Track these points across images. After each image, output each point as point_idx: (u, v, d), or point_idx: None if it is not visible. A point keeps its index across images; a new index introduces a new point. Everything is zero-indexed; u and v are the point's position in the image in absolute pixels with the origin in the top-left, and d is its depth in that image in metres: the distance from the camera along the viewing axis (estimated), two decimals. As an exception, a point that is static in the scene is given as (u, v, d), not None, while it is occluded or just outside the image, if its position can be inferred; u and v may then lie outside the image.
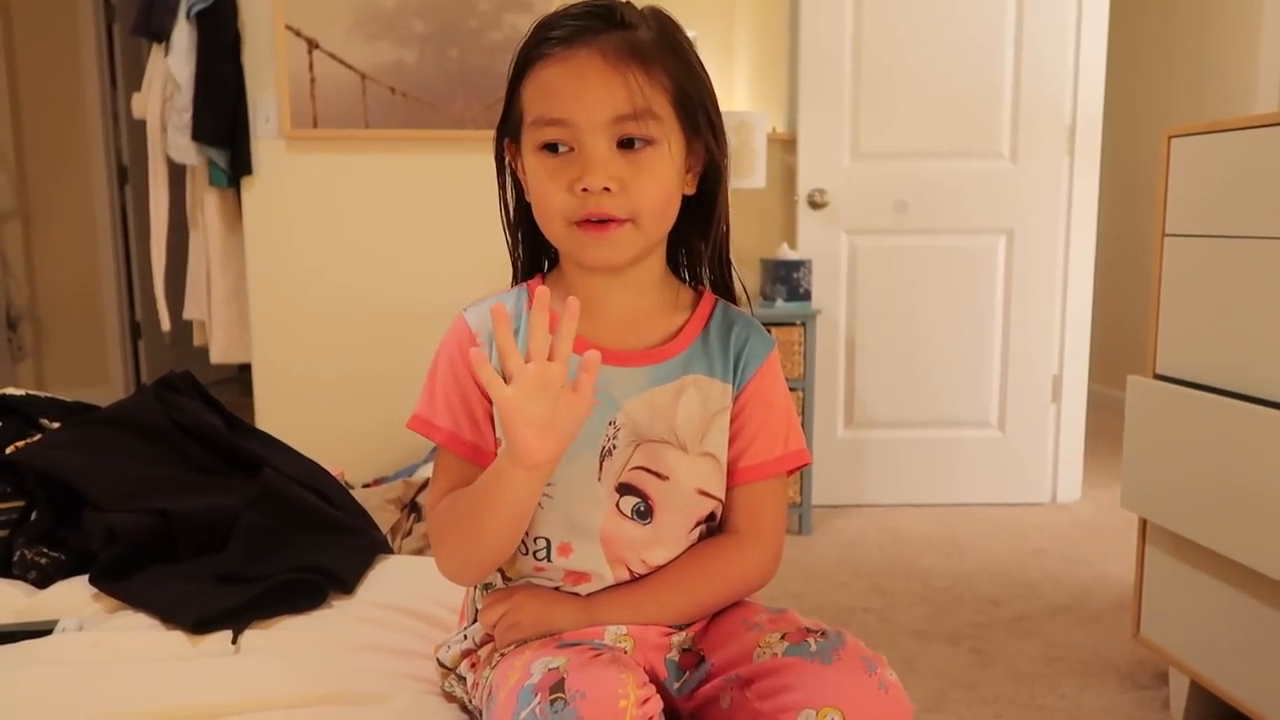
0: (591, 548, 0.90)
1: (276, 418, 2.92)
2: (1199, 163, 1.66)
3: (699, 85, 0.90)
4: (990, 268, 2.99)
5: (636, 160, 0.85)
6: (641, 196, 0.85)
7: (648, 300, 0.94)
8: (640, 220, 0.86)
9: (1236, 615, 1.56)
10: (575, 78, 0.84)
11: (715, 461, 0.92)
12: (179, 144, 2.82)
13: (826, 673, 0.80)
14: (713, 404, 0.92)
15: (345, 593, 1.20)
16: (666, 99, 0.87)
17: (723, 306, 0.97)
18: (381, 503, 1.74)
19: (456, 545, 0.89)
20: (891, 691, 0.80)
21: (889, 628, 2.14)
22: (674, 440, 0.90)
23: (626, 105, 0.84)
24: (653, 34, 0.87)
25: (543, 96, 0.86)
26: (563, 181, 0.85)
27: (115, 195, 4.51)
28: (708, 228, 0.96)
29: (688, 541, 0.94)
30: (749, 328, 0.96)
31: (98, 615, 1.15)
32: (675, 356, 0.92)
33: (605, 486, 0.90)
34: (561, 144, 0.85)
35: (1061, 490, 3.08)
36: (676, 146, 0.88)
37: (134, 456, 1.34)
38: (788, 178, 3.04)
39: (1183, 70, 3.97)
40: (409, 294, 2.95)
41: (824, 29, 2.91)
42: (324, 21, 2.84)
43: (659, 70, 0.86)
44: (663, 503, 0.91)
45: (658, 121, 0.86)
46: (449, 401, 0.91)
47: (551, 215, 0.87)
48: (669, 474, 0.90)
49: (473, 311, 0.93)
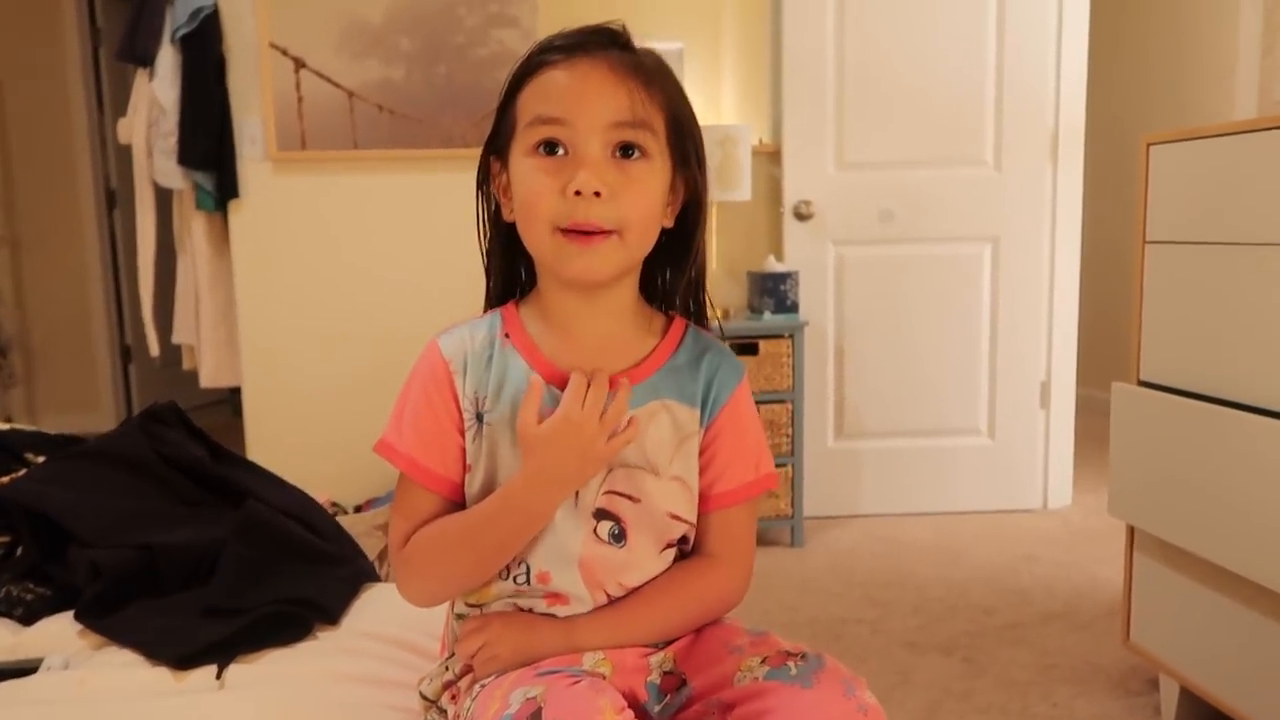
0: (570, 573, 0.91)
1: (267, 440, 2.92)
2: (1178, 170, 1.67)
3: (692, 117, 0.92)
4: (977, 275, 3.00)
5: (629, 170, 0.86)
6: (630, 207, 0.86)
7: (621, 325, 0.94)
8: (625, 233, 0.86)
9: (1224, 620, 1.57)
10: (578, 80, 0.86)
11: (685, 485, 0.93)
12: (165, 168, 2.82)
13: (806, 696, 0.80)
14: (682, 429, 0.93)
15: (330, 624, 1.20)
16: (662, 120, 0.88)
17: (693, 332, 0.97)
18: (369, 529, 1.74)
19: (442, 573, 0.90)
20: (871, 714, 0.80)
21: (882, 639, 2.15)
22: (645, 464, 0.91)
23: (626, 112, 0.85)
24: (653, 62, 0.90)
25: (541, 97, 0.87)
26: (554, 183, 0.85)
27: (104, 220, 4.52)
28: (684, 261, 0.97)
29: (660, 564, 0.94)
30: (720, 355, 0.96)
31: (83, 652, 1.15)
32: (646, 380, 0.92)
33: (583, 513, 0.90)
34: (557, 145, 0.86)
35: (1052, 496, 3.08)
36: (664, 171, 0.89)
37: (119, 490, 1.34)
38: (773, 189, 3.05)
39: (1163, 77, 3.99)
40: (400, 315, 2.95)
41: (806, 41, 2.93)
42: (310, 40, 2.85)
43: (658, 91, 0.88)
44: (635, 525, 0.91)
45: (653, 136, 0.87)
46: (418, 427, 0.91)
47: (537, 218, 0.86)
48: (641, 496, 0.91)
49: (446, 338, 0.93)
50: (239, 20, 2.85)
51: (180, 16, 2.73)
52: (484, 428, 0.90)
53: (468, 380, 0.91)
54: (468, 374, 0.91)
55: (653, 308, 0.98)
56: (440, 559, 0.89)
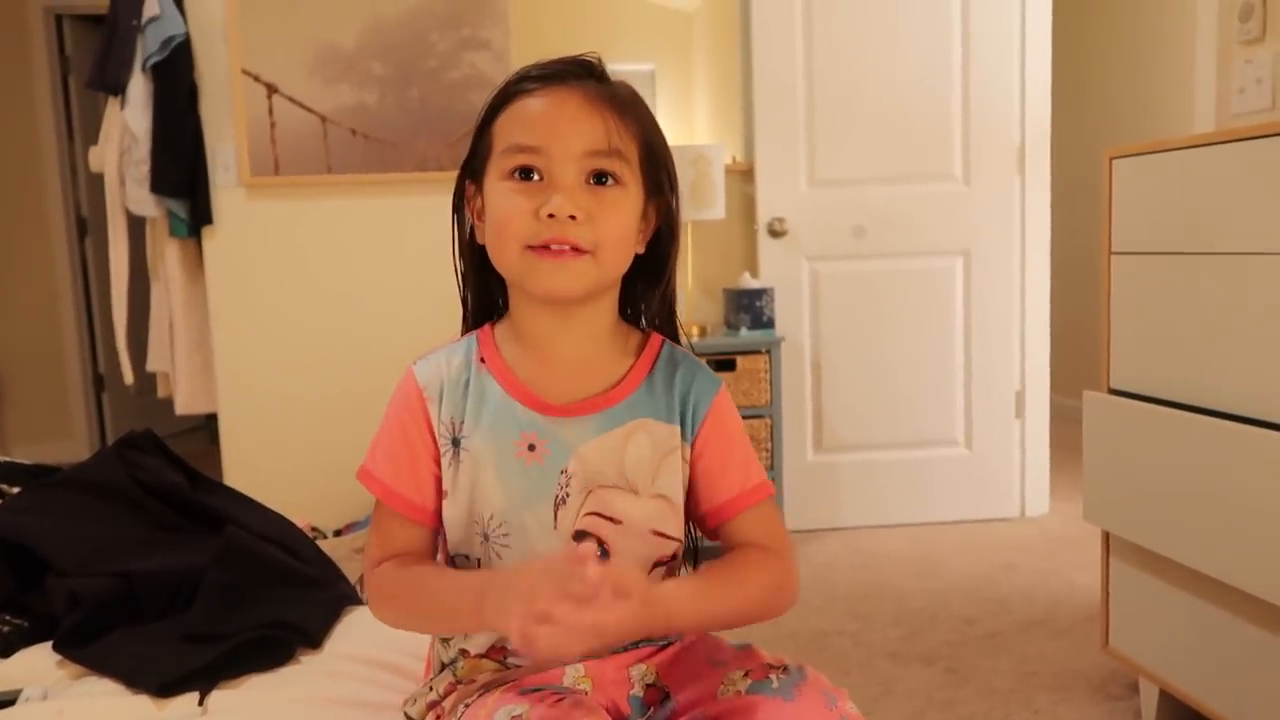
0: None
1: (244, 466, 2.90)
2: (1140, 182, 1.70)
3: (664, 146, 0.94)
4: (949, 288, 3.04)
5: (602, 196, 0.87)
6: (604, 229, 0.87)
7: (597, 348, 0.94)
8: (599, 253, 0.87)
9: (1200, 623, 1.59)
10: (554, 109, 0.87)
11: (668, 503, 0.93)
12: (138, 196, 2.81)
13: (789, 709, 0.81)
14: (662, 445, 0.93)
15: (313, 647, 1.20)
16: (636, 150, 0.90)
17: (669, 348, 0.98)
18: (349, 552, 1.73)
19: (403, 619, 0.92)
20: None
21: (864, 651, 2.16)
22: (624, 484, 0.91)
23: (602, 141, 0.87)
24: (626, 93, 0.92)
25: (518, 124, 0.88)
26: (528, 204, 0.86)
27: (75, 248, 4.49)
28: (655, 285, 0.98)
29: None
30: (694, 369, 0.97)
31: (62, 682, 1.14)
32: (622, 401, 0.93)
33: (562, 535, 0.90)
34: (533, 171, 0.87)
35: (1030, 504, 3.12)
36: (637, 197, 0.91)
37: (96, 518, 1.33)
38: (747, 207, 3.08)
39: (1125, 91, 4.07)
40: (375, 338, 2.94)
41: (776, 62, 2.97)
42: (283, 66, 2.85)
43: (632, 122, 0.89)
44: (618, 546, 0.91)
45: (627, 165, 0.89)
46: (392, 455, 0.92)
47: (509, 238, 0.87)
48: (621, 518, 0.91)
49: (422, 365, 0.94)
50: (210, 48, 2.85)
51: (151, 45, 2.73)
52: (461, 453, 0.90)
53: (444, 407, 0.91)
54: (444, 400, 0.91)
55: (629, 325, 0.99)
56: (410, 611, 0.91)
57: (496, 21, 2.91)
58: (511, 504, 0.90)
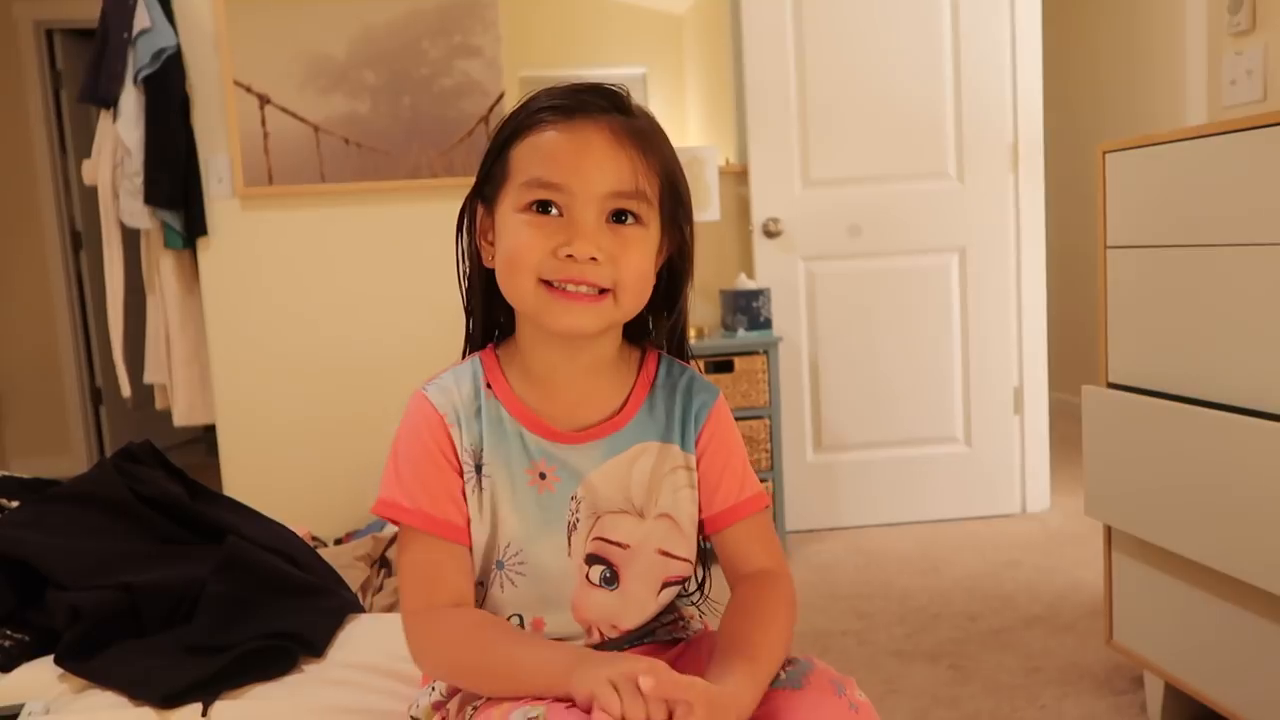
0: (563, 616, 0.92)
1: (243, 477, 2.89)
2: (1134, 176, 1.70)
3: (683, 178, 0.93)
4: (945, 286, 3.04)
5: (623, 235, 0.87)
6: (625, 269, 0.86)
7: (602, 375, 0.95)
8: (619, 293, 0.87)
9: (1204, 616, 1.59)
10: (579, 146, 0.85)
11: (673, 522, 0.94)
12: (132, 209, 2.81)
13: (798, 698, 0.82)
14: (664, 465, 0.94)
15: (315, 655, 1.19)
16: (657, 186, 0.89)
17: (666, 364, 0.99)
18: (351, 560, 1.73)
19: (457, 674, 0.88)
20: (862, 711, 0.82)
21: (869, 650, 2.15)
22: (630, 508, 0.92)
23: (627, 183, 0.86)
24: (650, 126, 0.90)
25: (540, 159, 0.86)
26: (545, 240, 0.85)
27: (70, 262, 4.48)
28: (665, 312, 0.98)
29: (657, 604, 0.96)
30: (692, 381, 0.98)
31: (64, 696, 1.13)
32: (626, 426, 0.94)
33: (575, 560, 0.91)
34: (551, 205, 0.86)
35: (1031, 500, 3.11)
36: (656, 234, 0.90)
37: (96, 532, 1.32)
38: (742, 209, 3.08)
39: (1117, 86, 4.08)
40: (372, 347, 2.94)
41: (767, 62, 2.97)
42: (274, 76, 2.85)
43: (655, 159, 0.88)
44: (627, 568, 0.92)
45: (648, 205, 0.88)
46: (422, 480, 0.89)
47: (523, 270, 0.85)
48: (628, 541, 0.92)
49: (434, 391, 0.92)
50: (202, 60, 2.85)
51: (142, 57, 2.73)
52: (483, 479, 0.90)
53: (464, 432, 0.90)
54: (462, 426, 0.90)
55: (629, 345, 0.99)
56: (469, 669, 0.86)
57: (487, 28, 2.91)
58: (528, 532, 0.90)
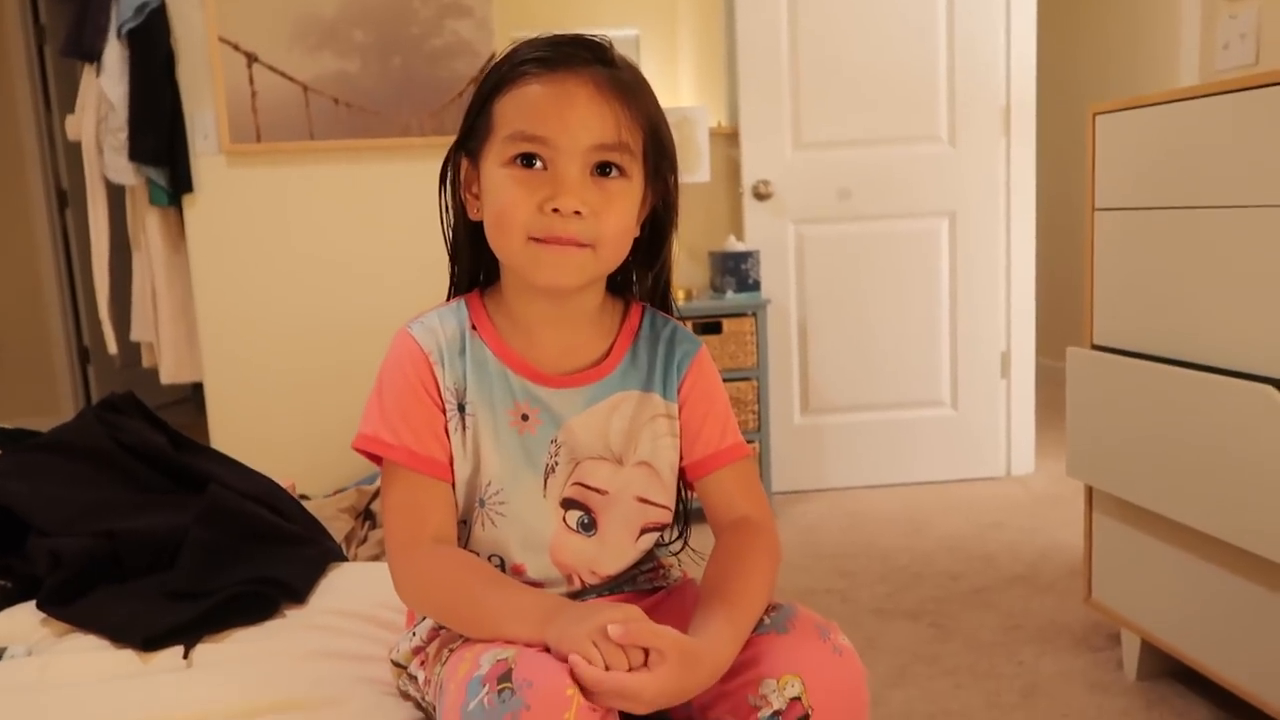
0: (542, 559, 0.92)
1: (231, 435, 2.89)
2: (1124, 138, 1.70)
3: (668, 131, 0.93)
4: (935, 250, 3.03)
5: (607, 188, 0.87)
6: (607, 225, 0.86)
7: (585, 326, 0.95)
8: (600, 248, 0.87)
9: (1182, 574, 1.61)
10: (563, 99, 0.85)
11: (652, 470, 0.95)
12: (116, 165, 2.78)
13: (782, 642, 0.83)
14: (644, 414, 0.95)
15: (297, 602, 1.20)
16: (641, 138, 0.88)
17: (650, 316, 1.00)
18: (335, 512, 1.73)
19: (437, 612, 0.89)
20: (845, 655, 0.83)
21: (851, 608, 2.17)
22: (609, 455, 0.93)
23: (610, 135, 0.85)
24: (633, 77, 0.90)
25: (524, 112, 0.86)
26: (531, 196, 0.85)
27: (55, 219, 4.43)
28: (651, 263, 0.99)
29: (636, 551, 0.96)
30: (675, 333, 0.99)
31: (46, 640, 1.14)
32: (610, 374, 0.94)
33: (551, 502, 0.92)
34: (535, 158, 0.85)
35: (1015, 463, 3.14)
36: (639, 187, 0.90)
37: (77, 480, 1.32)
38: (732, 170, 3.07)
39: (1110, 49, 4.06)
40: (359, 304, 2.93)
41: (760, 23, 2.94)
42: (262, 34, 2.81)
43: (638, 110, 0.88)
44: (604, 514, 0.93)
45: (632, 156, 0.88)
46: (406, 417, 0.89)
47: (512, 228, 0.86)
48: (605, 488, 0.93)
49: (418, 329, 0.92)
50: (186, 15, 2.81)
51: (125, 11, 2.69)
52: (466, 418, 0.90)
53: (447, 371, 0.91)
54: (446, 365, 0.91)
55: (614, 297, 0.99)
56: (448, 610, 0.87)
57: (479, -13, 2.87)
58: (508, 471, 0.91)
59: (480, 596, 0.84)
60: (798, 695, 0.80)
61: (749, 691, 0.81)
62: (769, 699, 0.80)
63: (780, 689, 0.80)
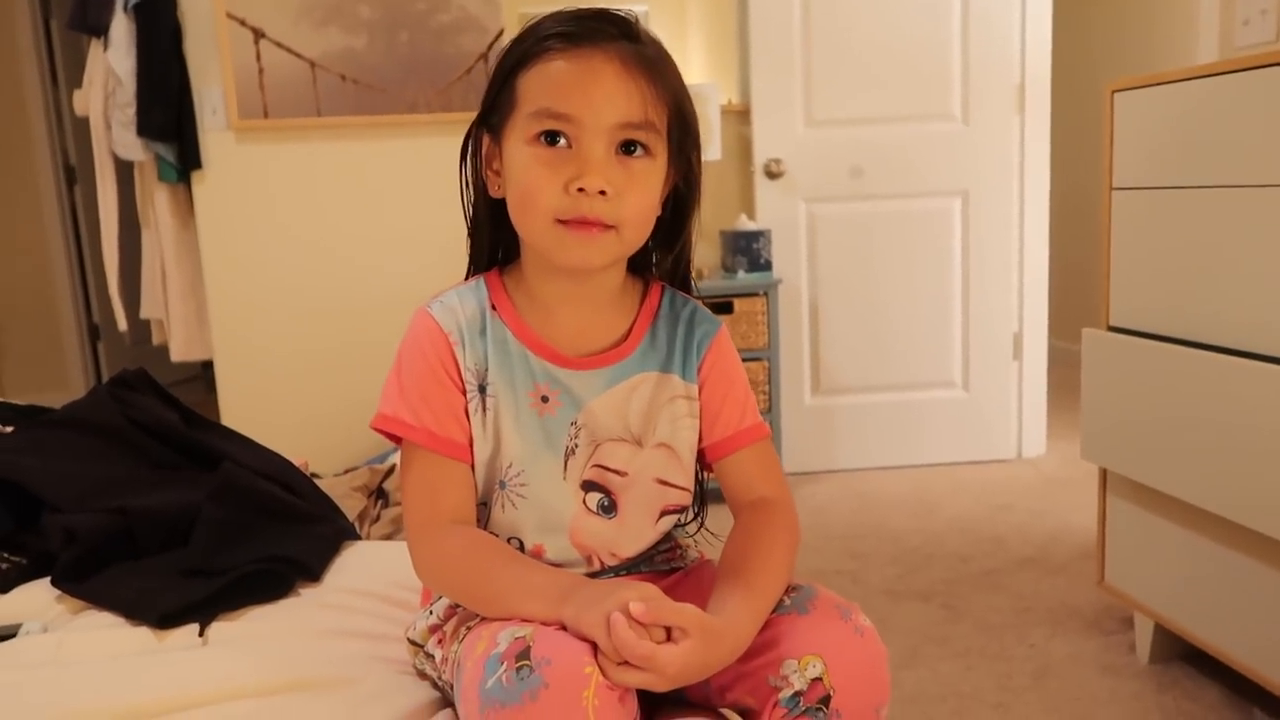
0: (561, 541, 0.92)
1: (241, 413, 2.89)
2: (1142, 116, 1.68)
3: (692, 108, 0.91)
4: (947, 229, 3.01)
5: (631, 167, 0.86)
6: (631, 205, 0.86)
7: (605, 307, 0.95)
8: (623, 229, 0.86)
9: (1195, 557, 1.60)
10: (588, 76, 0.84)
11: (671, 452, 0.94)
12: (125, 140, 2.77)
13: (803, 622, 0.82)
14: (663, 395, 0.94)
15: (312, 580, 1.20)
16: (666, 117, 0.87)
17: (669, 296, 0.99)
18: (348, 490, 1.73)
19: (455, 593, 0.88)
20: (867, 635, 0.83)
21: (862, 589, 2.17)
22: (628, 436, 0.92)
23: (637, 113, 0.84)
24: (659, 54, 0.88)
25: (549, 89, 0.84)
26: (556, 176, 0.84)
27: (64, 195, 4.43)
28: (669, 244, 0.98)
29: (655, 532, 0.96)
30: (695, 313, 0.98)
31: (62, 617, 1.14)
32: (630, 356, 0.94)
33: (571, 484, 0.91)
34: (559, 136, 0.84)
35: (1027, 446, 3.12)
36: (663, 166, 0.89)
37: (90, 456, 1.32)
38: (743, 149, 3.04)
39: (1127, 26, 4.01)
40: (369, 281, 2.92)
41: (772, 0, 2.91)
42: (268, 10, 2.79)
43: (664, 88, 0.87)
44: (624, 496, 0.93)
45: (657, 135, 0.87)
46: (426, 397, 0.88)
47: (537, 210, 0.85)
48: (625, 469, 0.92)
49: (438, 309, 0.91)
50: (193, -12, 2.79)
51: (132, -16, 2.67)
52: (486, 399, 0.90)
53: (468, 352, 0.90)
54: (467, 345, 0.90)
55: (634, 277, 0.98)
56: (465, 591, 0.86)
57: (486, -38, 2.85)
58: (529, 452, 0.90)
59: (497, 575, 0.84)
60: (819, 676, 0.79)
61: (769, 672, 0.81)
62: (790, 679, 0.80)
63: (801, 669, 0.80)
